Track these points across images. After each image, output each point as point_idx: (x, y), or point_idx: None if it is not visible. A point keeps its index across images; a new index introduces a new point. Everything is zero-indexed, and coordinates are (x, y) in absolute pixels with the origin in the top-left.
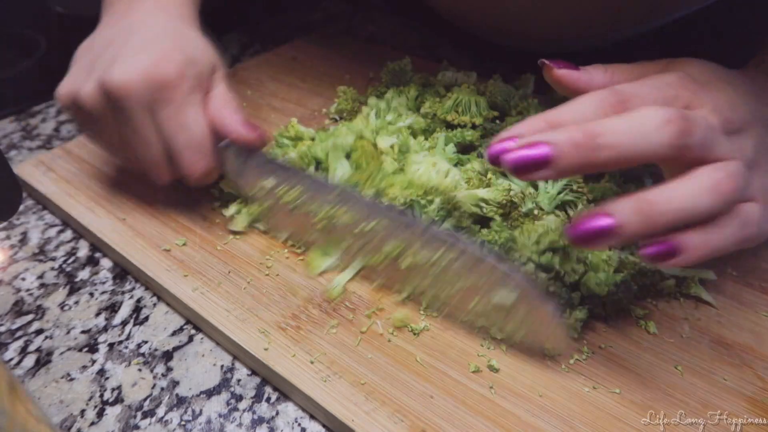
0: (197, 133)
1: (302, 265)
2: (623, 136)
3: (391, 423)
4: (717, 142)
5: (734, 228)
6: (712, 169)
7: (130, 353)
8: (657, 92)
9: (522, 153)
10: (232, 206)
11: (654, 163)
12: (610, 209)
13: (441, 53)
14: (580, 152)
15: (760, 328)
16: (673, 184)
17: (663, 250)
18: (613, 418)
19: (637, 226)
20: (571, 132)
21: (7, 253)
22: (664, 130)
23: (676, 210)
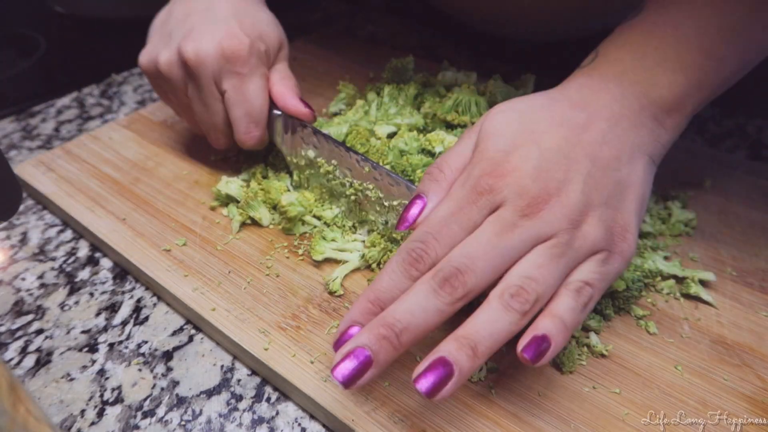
0: (256, 106)
1: (302, 265)
2: (411, 316)
3: (391, 423)
4: (511, 244)
5: (570, 297)
6: (502, 288)
7: (130, 353)
8: (453, 217)
9: (347, 368)
10: (230, 207)
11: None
12: (439, 353)
13: (441, 53)
14: (390, 343)
15: (760, 328)
16: (474, 314)
17: (538, 345)
18: (613, 418)
19: (468, 361)
20: (375, 329)
21: (7, 253)
22: (439, 296)
23: (489, 336)
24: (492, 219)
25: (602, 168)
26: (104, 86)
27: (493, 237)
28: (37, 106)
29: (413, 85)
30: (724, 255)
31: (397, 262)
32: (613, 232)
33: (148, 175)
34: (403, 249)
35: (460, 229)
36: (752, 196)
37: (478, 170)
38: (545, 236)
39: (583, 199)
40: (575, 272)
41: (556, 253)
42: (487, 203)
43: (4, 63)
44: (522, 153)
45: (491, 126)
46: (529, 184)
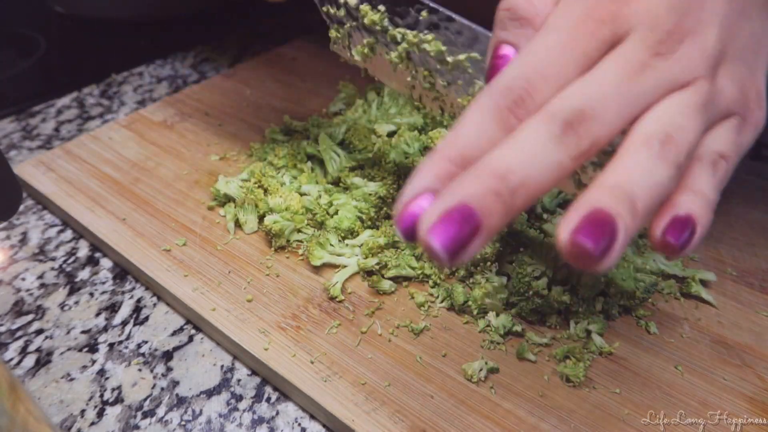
0: None
1: (302, 265)
2: (528, 168)
3: (391, 423)
4: (645, 86)
5: (709, 172)
6: (645, 135)
7: (130, 353)
8: (563, 50)
9: (449, 232)
10: (227, 206)
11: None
12: (594, 204)
13: None
14: (503, 202)
15: (760, 328)
16: (618, 161)
17: (684, 227)
18: (613, 418)
19: (631, 218)
20: (483, 180)
21: (7, 253)
22: (561, 144)
23: (649, 189)
24: (617, 55)
25: (738, 13)
26: (104, 86)
27: (622, 77)
28: (37, 106)
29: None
30: (724, 255)
31: (488, 105)
32: (748, 95)
33: (148, 175)
34: (497, 87)
35: (575, 65)
36: (752, 196)
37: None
38: (681, 82)
39: (719, 45)
40: (709, 139)
41: (699, 102)
42: (609, 34)
43: (4, 63)
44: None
45: None
46: (663, 14)
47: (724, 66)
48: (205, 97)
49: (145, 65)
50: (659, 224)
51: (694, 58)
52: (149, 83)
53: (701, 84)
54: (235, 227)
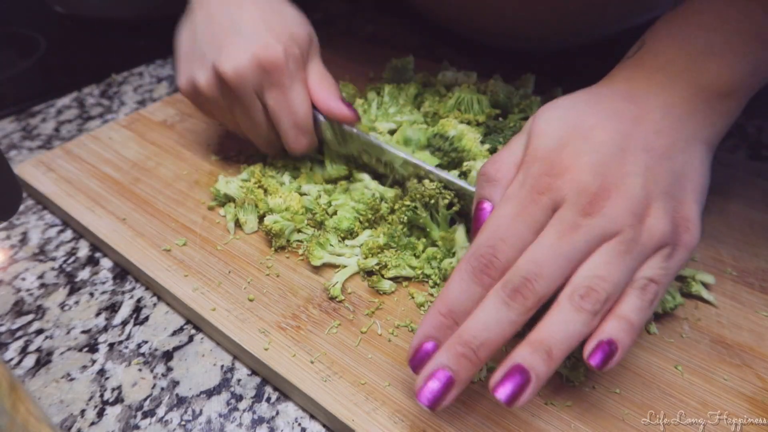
0: (301, 114)
1: (302, 265)
2: (486, 331)
3: (391, 423)
4: (577, 245)
5: (636, 296)
6: (572, 289)
7: (130, 353)
8: (517, 219)
9: (432, 390)
10: (227, 206)
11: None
12: (515, 360)
13: (441, 53)
14: (469, 360)
15: (760, 328)
16: (546, 317)
17: (606, 351)
18: (613, 418)
19: (544, 365)
20: (453, 348)
21: (7, 253)
22: (511, 308)
23: (563, 339)
24: (554, 221)
25: (659, 158)
26: (104, 86)
27: (557, 240)
28: (37, 106)
29: (413, 84)
30: (724, 255)
31: (466, 270)
32: (677, 224)
33: (148, 175)
34: (472, 255)
35: (527, 229)
36: (752, 196)
37: (535, 170)
38: (610, 233)
39: (644, 192)
40: (640, 270)
41: (622, 250)
42: (549, 202)
43: (4, 63)
44: (574, 149)
45: (540, 125)
46: (588, 180)
47: (649, 209)
48: None
49: (145, 65)
50: (588, 348)
51: (620, 211)
52: (149, 83)
53: (627, 232)
54: (235, 227)
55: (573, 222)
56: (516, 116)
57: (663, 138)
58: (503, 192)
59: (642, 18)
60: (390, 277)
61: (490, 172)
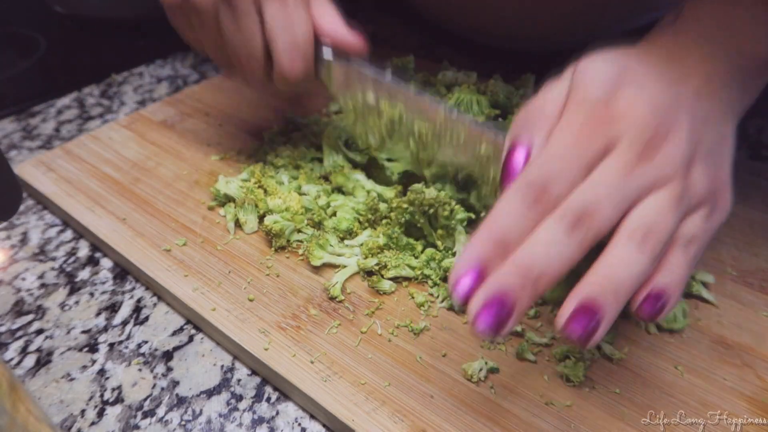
0: (301, 34)
1: (302, 265)
2: (547, 261)
3: (391, 423)
4: (633, 186)
5: (681, 252)
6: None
7: (130, 353)
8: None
9: (490, 316)
10: (227, 206)
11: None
12: (584, 294)
13: (441, 53)
14: (529, 288)
15: (760, 328)
16: (606, 256)
17: (657, 300)
18: (613, 418)
19: (614, 306)
20: (513, 273)
21: (7, 253)
22: (571, 239)
23: (628, 280)
24: (612, 161)
25: (701, 122)
26: (104, 86)
27: (616, 178)
28: (37, 106)
29: (413, 84)
30: (724, 255)
31: (517, 197)
32: (716, 186)
33: (148, 175)
34: (523, 183)
35: (579, 168)
36: (752, 196)
37: (586, 111)
38: (662, 180)
39: (690, 148)
40: (683, 226)
41: (675, 198)
42: (603, 143)
43: (4, 63)
44: (629, 94)
45: (588, 72)
46: (643, 126)
47: (694, 165)
48: (205, 97)
49: (145, 65)
50: (638, 298)
51: (670, 163)
52: (149, 83)
53: (676, 184)
54: (235, 227)
55: (630, 163)
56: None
57: (704, 103)
58: (545, 135)
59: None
60: (390, 278)
61: (532, 113)
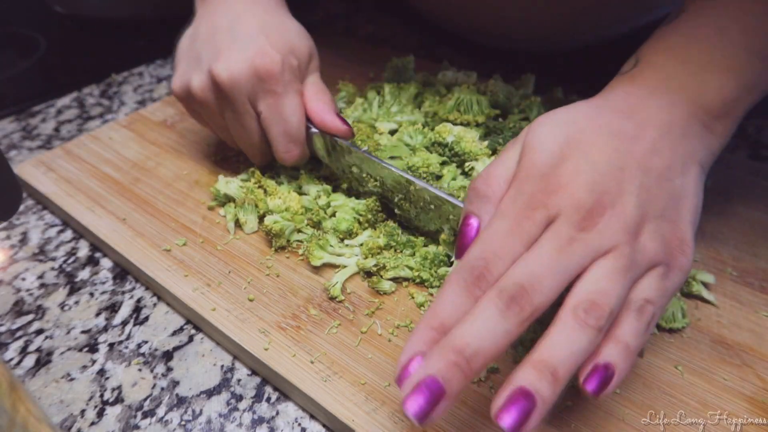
0: (294, 124)
1: (302, 265)
2: (480, 340)
3: (391, 423)
4: (573, 258)
5: (634, 318)
6: (574, 303)
7: (130, 353)
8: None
9: (420, 401)
10: (227, 206)
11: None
12: (518, 383)
13: (441, 53)
14: (461, 370)
15: (760, 328)
16: (549, 335)
17: (602, 376)
18: (613, 418)
19: (550, 388)
20: (444, 356)
21: (7, 253)
22: (506, 317)
23: (568, 359)
24: (550, 234)
25: (655, 179)
26: (104, 86)
27: (553, 253)
28: (37, 106)
29: (413, 84)
30: (724, 255)
31: (457, 282)
32: (671, 246)
33: (148, 175)
34: (463, 268)
35: (520, 244)
36: (752, 196)
37: (529, 186)
38: (605, 250)
39: (638, 211)
40: (635, 290)
41: (620, 265)
42: (543, 217)
43: (4, 63)
44: (572, 166)
45: (536, 139)
46: (584, 197)
47: (644, 227)
48: None
49: (145, 65)
50: (584, 372)
51: (614, 228)
52: (149, 83)
53: (622, 249)
54: (235, 227)
55: (568, 236)
56: (516, 117)
57: (660, 159)
58: (493, 208)
59: (641, 20)
60: (389, 278)
61: (480, 188)
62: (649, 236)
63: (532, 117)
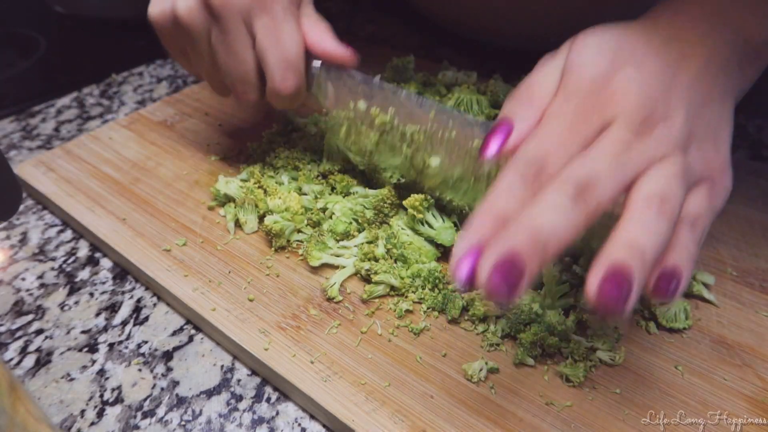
0: (292, 49)
1: (302, 265)
2: (553, 225)
3: (391, 423)
4: (632, 160)
5: (689, 230)
6: (645, 197)
7: (130, 353)
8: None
9: (502, 277)
10: (227, 206)
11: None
12: (616, 263)
13: (441, 53)
14: (539, 251)
15: (760, 328)
16: (627, 222)
17: (672, 279)
18: (613, 418)
19: (641, 271)
20: (523, 234)
21: (7, 253)
22: (576, 206)
23: (654, 245)
24: (608, 137)
25: (699, 103)
26: (104, 86)
27: (612, 154)
28: (37, 106)
29: (414, 84)
30: (724, 255)
31: (514, 175)
32: (714, 165)
33: (148, 175)
34: (521, 162)
35: (576, 146)
36: (752, 196)
37: (580, 93)
38: (660, 156)
39: (687, 126)
40: (686, 204)
41: (677, 171)
42: (600, 120)
43: (4, 63)
44: (625, 74)
45: (582, 51)
46: (639, 104)
47: (692, 144)
48: (205, 97)
49: (145, 65)
50: (653, 276)
51: (667, 139)
52: (149, 83)
53: (677, 156)
54: (235, 227)
55: (626, 139)
56: None
57: (703, 85)
58: (533, 114)
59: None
60: (377, 282)
61: (521, 93)
62: (697, 152)
63: None
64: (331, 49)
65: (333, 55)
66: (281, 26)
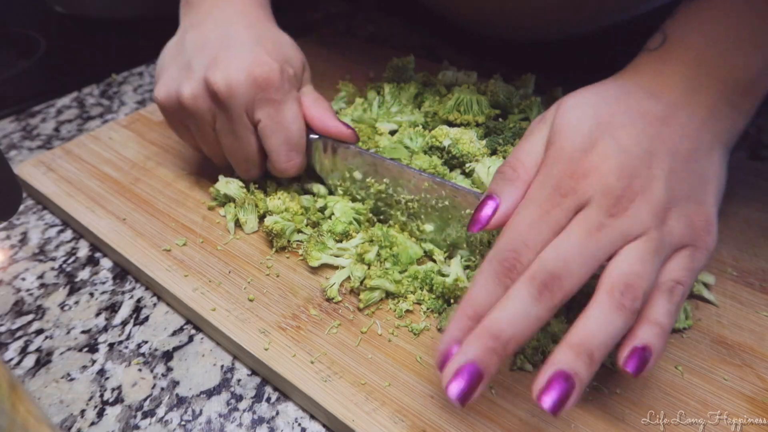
0: (295, 132)
1: (302, 265)
2: (514, 326)
3: (391, 423)
4: (603, 242)
5: (666, 300)
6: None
7: (130, 353)
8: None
9: (460, 385)
10: (227, 207)
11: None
12: (558, 366)
13: (441, 53)
14: (497, 354)
15: (760, 328)
16: (585, 317)
17: (641, 357)
18: (613, 418)
19: (587, 369)
20: (481, 342)
21: (7, 253)
22: (539, 303)
23: (605, 341)
24: (579, 220)
25: (683, 162)
26: (104, 86)
27: (583, 238)
28: (37, 106)
29: (414, 84)
30: (724, 255)
31: (488, 272)
32: (697, 226)
33: (148, 175)
34: (494, 258)
35: (549, 232)
36: (752, 196)
37: (558, 171)
38: (634, 234)
39: (667, 195)
40: (664, 272)
41: (651, 248)
42: (572, 204)
43: (4, 63)
44: (602, 150)
45: (564, 121)
46: (614, 182)
47: (672, 210)
48: None
49: (145, 65)
50: (623, 354)
51: (644, 214)
52: (149, 83)
53: (651, 233)
54: (235, 227)
55: (598, 221)
56: (516, 117)
57: (688, 142)
58: (516, 191)
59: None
60: (372, 286)
61: (506, 170)
62: (677, 219)
63: (532, 117)
64: (333, 128)
65: (334, 134)
66: (283, 109)
